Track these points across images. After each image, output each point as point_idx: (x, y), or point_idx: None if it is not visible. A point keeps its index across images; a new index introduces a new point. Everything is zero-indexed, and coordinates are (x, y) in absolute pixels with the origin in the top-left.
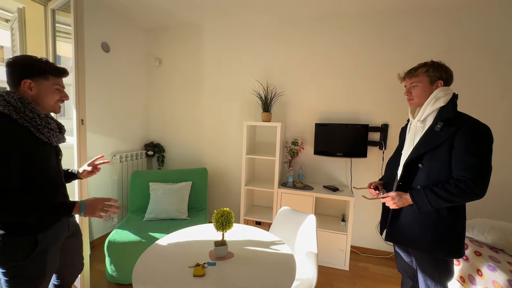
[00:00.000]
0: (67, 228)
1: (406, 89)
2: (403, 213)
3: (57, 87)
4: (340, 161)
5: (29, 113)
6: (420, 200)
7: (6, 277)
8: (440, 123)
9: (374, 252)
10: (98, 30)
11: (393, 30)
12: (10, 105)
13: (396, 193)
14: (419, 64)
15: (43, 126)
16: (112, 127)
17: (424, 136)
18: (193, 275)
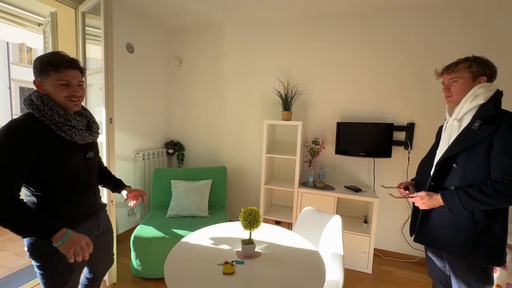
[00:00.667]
0: (97, 228)
1: (444, 85)
2: (434, 214)
3: (60, 82)
4: (363, 161)
5: (48, 111)
6: (452, 201)
7: (40, 270)
8: (478, 121)
9: (398, 256)
10: (123, 32)
11: (421, 26)
12: (32, 103)
13: (426, 192)
14: (460, 58)
15: (63, 124)
16: (135, 126)
17: (460, 135)
18: (223, 272)
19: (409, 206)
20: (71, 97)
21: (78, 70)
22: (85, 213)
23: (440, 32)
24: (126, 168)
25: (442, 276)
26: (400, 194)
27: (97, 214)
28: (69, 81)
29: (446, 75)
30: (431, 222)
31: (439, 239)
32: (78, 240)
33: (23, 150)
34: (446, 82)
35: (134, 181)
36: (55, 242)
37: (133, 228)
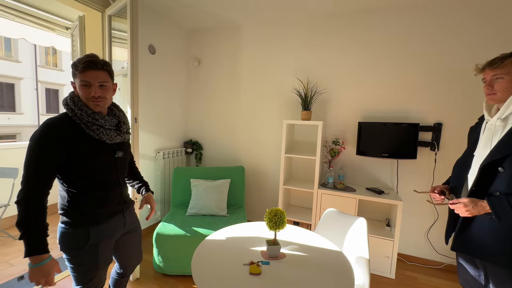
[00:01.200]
0: (123, 226)
1: (485, 82)
2: (477, 221)
3: (82, 83)
4: (385, 162)
5: (78, 111)
6: (502, 209)
7: (69, 263)
8: None
9: (423, 262)
10: (145, 33)
11: (446, 21)
12: (66, 104)
13: (470, 199)
14: (505, 53)
15: (91, 123)
16: (155, 125)
17: (506, 137)
18: (249, 273)
19: (436, 210)
20: (92, 98)
21: (102, 70)
22: (112, 212)
23: (473, 27)
24: (147, 167)
25: (476, 285)
26: (434, 199)
27: (123, 213)
28: (89, 81)
29: (488, 71)
30: (472, 230)
31: (483, 248)
32: (47, 273)
33: (55, 148)
34: (489, 79)
35: (154, 179)
36: (30, 262)
37: (154, 225)
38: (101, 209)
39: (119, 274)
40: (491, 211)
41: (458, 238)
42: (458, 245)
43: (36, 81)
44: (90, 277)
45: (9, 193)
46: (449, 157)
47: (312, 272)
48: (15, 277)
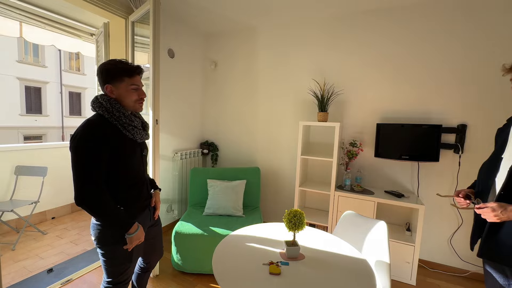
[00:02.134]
0: (149, 219)
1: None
2: (506, 227)
3: (133, 87)
4: (405, 165)
5: (116, 113)
6: None
7: (104, 257)
8: None
9: (445, 269)
10: (165, 38)
11: (472, 16)
12: (102, 106)
13: (498, 203)
14: None
15: (127, 124)
16: (174, 127)
17: None
18: (269, 272)
19: (460, 215)
20: (140, 100)
21: (141, 75)
22: (142, 206)
23: (501, 22)
24: (165, 167)
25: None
26: (458, 204)
27: (149, 207)
28: (138, 85)
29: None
30: (502, 235)
31: (508, 253)
32: (141, 235)
33: (103, 148)
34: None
35: (172, 179)
36: (128, 233)
37: (172, 224)
38: (135, 204)
39: (142, 269)
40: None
41: (486, 244)
42: (486, 251)
43: (60, 85)
44: (122, 270)
45: (38, 190)
46: (474, 160)
47: (332, 274)
48: (44, 269)
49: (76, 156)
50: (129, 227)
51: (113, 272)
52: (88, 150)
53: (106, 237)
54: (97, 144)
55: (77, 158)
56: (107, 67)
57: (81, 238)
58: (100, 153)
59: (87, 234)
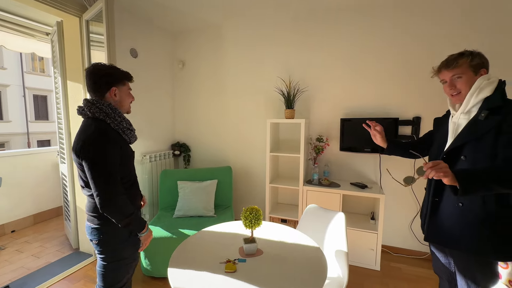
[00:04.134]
0: None
1: (445, 83)
2: (443, 209)
3: (130, 90)
4: (368, 157)
5: (118, 118)
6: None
7: (105, 261)
8: (484, 111)
9: (407, 252)
10: (126, 37)
11: (423, 18)
12: (102, 111)
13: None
14: (453, 54)
15: (126, 128)
16: (142, 129)
17: (466, 127)
18: (224, 271)
19: (417, 201)
20: (131, 102)
21: None
22: (139, 206)
23: (445, 22)
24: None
25: (447, 272)
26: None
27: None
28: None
29: (446, 72)
30: (441, 219)
31: (450, 237)
32: (150, 234)
33: (117, 152)
34: (449, 79)
35: (142, 183)
36: (142, 232)
37: None
38: (136, 203)
39: None
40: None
41: (428, 228)
42: (430, 236)
43: (23, 88)
44: (130, 270)
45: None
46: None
47: (287, 267)
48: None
49: (98, 164)
50: (144, 225)
51: (113, 278)
52: (109, 156)
53: (114, 239)
54: (114, 148)
55: (100, 165)
56: (109, 71)
57: (44, 250)
58: (117, 157)
59: (51, 246)
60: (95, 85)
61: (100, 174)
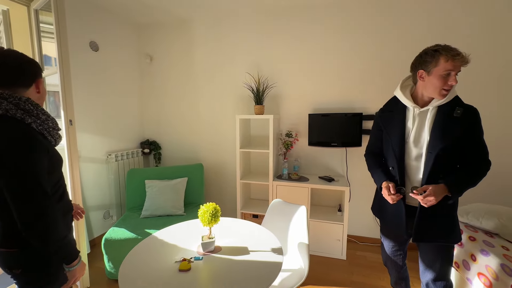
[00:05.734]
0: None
1: (449, 75)
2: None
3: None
4: (335, 151)
5: (42, 116)
6: (456, 188)
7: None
8: (459, 108)
9: (372, 241)
10: (85, 29)
11: (384, 16)
12: (20, 108)
13: (434, 186)
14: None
15: (52, 128)
16: (106, 127)
17: (447, 123)
18: (178, 270)
19: None
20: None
21: None
22: (72, 216)
23: (410, 20)
24: (98, 171)
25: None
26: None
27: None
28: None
29: (459, 66)
30: (428, 217)
31: (433, 233)
32: (83, 268)
33: (44, 160)
34: (455, 74)
35: (108, 183)
36: (69, 267)
37: None
38: (69, 214)
39: None
40: (450, 193)
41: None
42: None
43: None
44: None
45: None
46: None
47: (243, 262)
48: None
49: (20, 175)
50: (77, 254)
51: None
52: (34, 164)
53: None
54: (40, 153)
55: (24, 176)
56: (32, 61)
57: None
58: (44, 164)
59: None
60: (23, 77)
61: (24, 188)
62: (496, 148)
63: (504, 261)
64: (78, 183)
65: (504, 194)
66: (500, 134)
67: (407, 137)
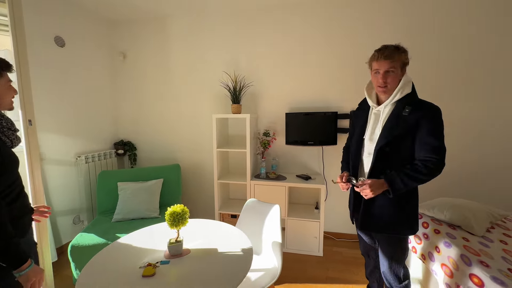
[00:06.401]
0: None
1: (379, 74)
2: (373, 201)
3: (10, 83)
4: (312, 149)
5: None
6: (396, 184)
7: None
8: (408, 107)
9: (348, 237)
10: (49, 23)
11: (358, 17)
12: None
13: (372, 180)
14: (393, 46)
15: (7, 128)
16: (75, 127)
17: (394, 121)
18: (142, 275)
19: None
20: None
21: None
22: (30, 219)
23: (383, 21)
24: (66, 174)
25: (373, 252)
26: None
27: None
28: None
29: (383, 63)
30: (373, 209)
31: (380, 223)
32: (38, 272)
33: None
34: (383, 71)
35: (78, 186)
36: (18, 272)
37: None
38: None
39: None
40: (389, 187)
41: (364, 219)
42: (364, 225)
43: None
44: None
45: None
46: None
47: (211, 264)
48: None
49: None
50: (24, 258)
51: None
52: None
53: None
54: None
55: None
56: None
57: None
58: None
59: None
60: None
61: None
62: (461, 146)
63: (464, 251)
64: (40, 187)
65: (468, 188)
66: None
67: (364, 134)
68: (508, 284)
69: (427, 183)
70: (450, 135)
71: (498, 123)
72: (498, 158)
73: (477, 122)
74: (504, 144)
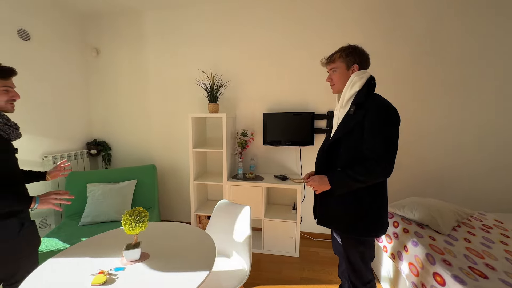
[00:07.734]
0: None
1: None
2: (327, 197)
3: (4, 88)
4: (290, 150)
5: None
6: (336, 183)
7: None
8: (353, 106)
9: (326, 237)
10: (11, 15)
11: (332, 18)
12: None
13: (317, 176)
14: (338, 49)
15: (3, 124)
16: (41, 126)
17: (345, 120)
18: (91, 284)
19: None
20: (12, 101)
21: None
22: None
23: (361, 21)
24: None
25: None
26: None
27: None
28: (10, 87)
29: (326, 65)
30: (327, 204)
31: (332, 220)
32: (47, 194)
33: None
34: (329, 72)
35: (45, 188)
36: (32, 206)
37: None
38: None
39: None
40: (330, 184)
41: (318, 213)
42: (319, 218)
43: None
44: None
45: None
46: None
47: (171, 268)
48: None
49: None
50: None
51: None
52: None
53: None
54: None
55: None
56: None
57: None
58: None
59: None
60: None
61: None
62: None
63: (429, 250)
64: None
65: (440, 189)
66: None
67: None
68: (468, 282)
69: (399, 182)
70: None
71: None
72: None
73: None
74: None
